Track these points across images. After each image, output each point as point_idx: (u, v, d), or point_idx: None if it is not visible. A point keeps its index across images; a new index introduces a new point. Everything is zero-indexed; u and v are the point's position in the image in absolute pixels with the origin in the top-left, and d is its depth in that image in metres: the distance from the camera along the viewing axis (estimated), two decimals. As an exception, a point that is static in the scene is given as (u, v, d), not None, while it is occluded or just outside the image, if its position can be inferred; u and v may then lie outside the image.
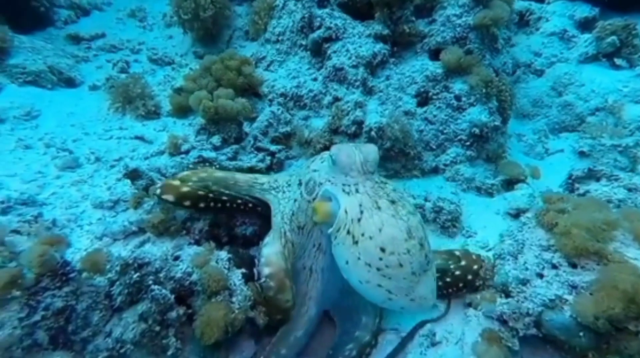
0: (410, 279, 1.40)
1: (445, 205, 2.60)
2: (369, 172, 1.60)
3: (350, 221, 1.46)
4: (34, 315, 1.42)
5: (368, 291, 1.46)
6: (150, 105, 3.07)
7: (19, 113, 3.02)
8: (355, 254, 1.43)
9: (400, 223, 1.43)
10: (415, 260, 1.40)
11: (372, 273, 1.41)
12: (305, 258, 1.78)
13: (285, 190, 1.93)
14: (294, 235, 1.78)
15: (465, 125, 2.97)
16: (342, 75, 2.94)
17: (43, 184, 2.31)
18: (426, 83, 2.99)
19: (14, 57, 3.44)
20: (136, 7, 5.56)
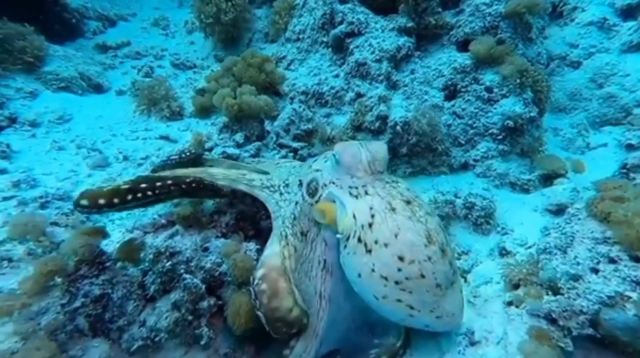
0: (434, 292, 1.26)
1: (477, 201, 2.56)
2: (378, 172, 1.47)
3: (360, 228, 1.32)
4: (75, 301, 1.52)
5: (385, 308, 1.30)
6: (174, 106, 3.23)
7: (53, 117, 3.26)
8: (368, 265, 1.28)
9: (419, 226, 1.30)
10: (438, 270, 1.27)
11: (390, 287, 1.26)
12: (313, 278, 1.52)
13: (283, 191, 1.74)
14: (296, 240, 1.56)
15: (497, 118, 2.93)
16: (364, 70, 2.99)
17: (76, 182, 2.48)
18: (454, 75, 2.98)
19: (49, 64, 3.73)
20: (159, 16, 5.93)
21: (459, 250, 2.42)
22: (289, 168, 2.01)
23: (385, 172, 1.54)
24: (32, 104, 3.39)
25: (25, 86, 3.48)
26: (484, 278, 2.10)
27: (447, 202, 2.50)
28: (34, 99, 3.46)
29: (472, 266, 2.27)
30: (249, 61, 2.99)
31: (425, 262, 1.27)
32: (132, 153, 2.84)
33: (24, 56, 3.54)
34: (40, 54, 3.64)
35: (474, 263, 2.28)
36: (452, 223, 2.57)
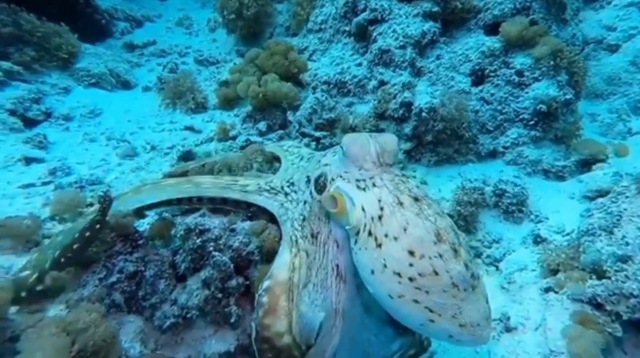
0: (452, 293, 1.17)
1: (508, 188, 2.47)
2: (387, 164, 1.40)
3: (370, 220, 1.27)
4: (111, 276, 1.58)
5: (403, 310, 1.22)
6: (199, 97, 3.31)
7: (85, 112, 3.42)
8: (380, 260, 1.22)
9: (427, 224, 1.23)
10: (452, 268, 1.18)
11: (405, 284, 1.18)
12: (329, 288, 1.40)
13: (288, 191, 1.65)
14: (307, 243, 1.48)
15: (529, 103, 2.81)
16: (388, 57, 2.95)
17: (107, 170, 2.61)
18: (482, 60, 2.89)
19: (81, 61, 3.92)
20: (183, 16, 6.13)
21: (489, 238, 2.35)
22: (290, 163, 1.93)
23: (395, 165, 1.47)
24: (66, 100, 3.57)
25: (59, 82, 3.67)
26: (517, 265, 2.02)
27: (475, 189, 2.42)
28: (67, 95, 3.64)
29: (504, 255, 2.19)
30: (272, 49, 3.03)
31: (435, 258, 1.18)
32: (159, 143, 2.94)
33: (59, 52, 3.73)
34: (74, 51, 3.82)
35: (506, 252, 2.21)
36: (481, 211, 2.49)
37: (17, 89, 3.32)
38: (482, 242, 2.33)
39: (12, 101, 3.14)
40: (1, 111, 3.02)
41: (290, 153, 2.07)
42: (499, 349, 1.55)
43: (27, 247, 1.72)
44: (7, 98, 3.15)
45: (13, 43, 3.58)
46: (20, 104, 3.17)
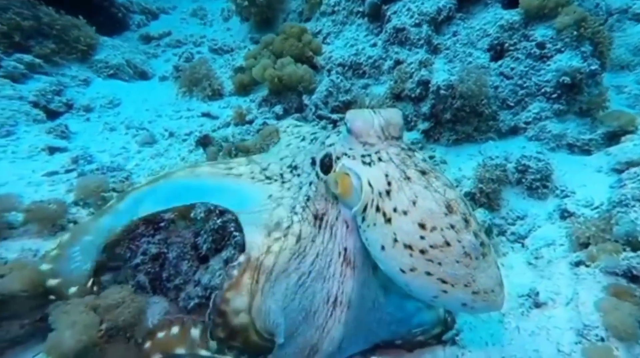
0: (465, 262, 1.14)
1: (531, 163, 2.35)
2: (393, 137, 1.34)
3: (377, 195, 1.22)
4: (135, 258, 1.58)
5: (415, 283, 1.18)
6: (215, 84, 3.27)
7: (104, 102, 3.44)
8: (390, 235, 1.18)
9: (437, 196, 1.19)
10: (464, 238, 1.15)
11: (416, 257, 1.15)
12: (329, 280, 1.31)
13: (288, 177, 1.54)
14: (306, 226, 1.35)
15: (551, 75, 2.66)
16: (403, 36, 2.84)
17: (127, 158, 2.66)
18: (500, 34, 2.75)
19: (99, 53, 3.95)
20: (197, 7, 6.11)
21: (513, 215, 2.26)
22: (286, 144, 1.82)
23: (402, 139, 1.40)
24: (86, 91, 3.60)
25: (79, 74, 3.71)
26: (544, 241, 1.94)
27: (497, 166, 2.32)
28: (87, 86, 3.67)
29: (530, 231, 2.11)
30: (287, 33, 2.95)
31: (447, 230, 1.15)
32: (177, 129, 2.96)
33: (78, 44, 3.76)
34: (93, 42, 3.85)
35: (531, 228, 2.12)
36: (504, 188, 2.39)
37: (39, 82, 3.36)
38: (506, 219, 2.24)
39: (35, 93, 3.18)
40: (25, 103, 3.06)
41: (288, 133, 1.98)
42: (528, 325, 1.49)
43: (53, 231, 1.73)
44: (29, 90, 3.20)
45: (33, 36, 3.61)
46: (42, 96, 3.21)
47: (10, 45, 3.42)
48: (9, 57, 3.29)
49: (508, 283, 1.74)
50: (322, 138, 1.57)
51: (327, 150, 1.42)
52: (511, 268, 1.87)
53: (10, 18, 3.47)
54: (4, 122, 2.80)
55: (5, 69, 3.20)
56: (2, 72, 3.18)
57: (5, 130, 2.74)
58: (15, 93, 3.08)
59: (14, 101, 3.01)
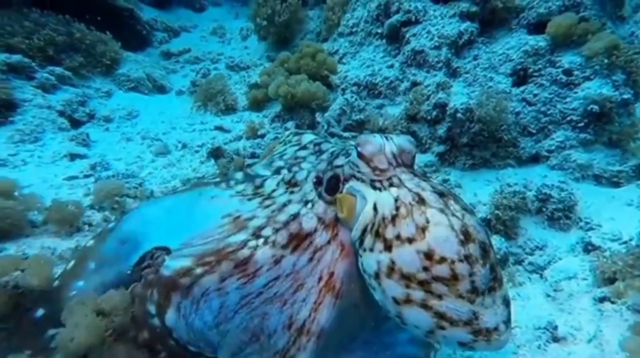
0: (469, 298, 1.06)
1: (553, 192, 2.33)
2: (405, 165, 1.29)
3: (380, 220, 1.17)
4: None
5: (409, 315, 1.11)
6: (229, 99, 3.46)
7: (123, 114, 3.69)
8: (385, 263, 1.12)
9: (454, 221, 1.11)
10: (477, 271, 1.07)
11: (414, 288, 1.08)
12: (295, 304, 1.25)
13: (276, 194, 1.46)
14: (266, 249, 1.28)
15: (578, 103, 2.67)
16: (421, 58, 2.93)
17: (141, 166, 2.81)
18: (524, 59, 2.80)
19: (122, 67, 4.25)
20: (217, 25, 6.52)
21: (531, 245, 2.22)
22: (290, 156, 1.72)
23: (414, 168, 1.35)
24: (107, 103, 3.87)
25: (102, 87, 3.99)
26: (565, 273, 1.89)
27: (516, 193, 2.30)
28: (109, 98, 3.94)
29: (549, 263, 2.06)
30: (303, 51, 3.11)
31: (459, 262, 1.07)
32: (190, 141, 3.11)
33: (103, 59, 4.07)
34: (117, 57, 4.16)
35: (551, 260, 2.07)
36: (522, 217, 2.36)
37: (67, 93, 3.66)
38: (524, 248, 2.20)
39: (62, 103, 3.46)
40: (52, 112, 3.34)
41: (286, 142, 1.89)
42: (545, 361, 1.44)
43: (70, 232, 1.85)
44: (57, 100, 3.48)
45: (65, 50, 3.96)
46: (68, 106, 3.48)
47: (45, 58, 3.77)
48: (42, 70, 3.62)
49: (524, 314, 1.71)
50: (328, 155, 1.52)
51: (335, 171, 1.38)
52: (528, 299, 1.81)
53: (46, 34, 3.86)
54: (34, 130, 3.08)
55: (38, 81, 3.52)
56: (36, 83, 3.51)
57: (34, 136, 3.02)
58: (44, 102, 3.37)
59: (43, 109, 3.30)
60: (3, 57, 3.47)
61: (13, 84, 3.36)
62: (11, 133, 2.99)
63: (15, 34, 3.77)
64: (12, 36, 3.78)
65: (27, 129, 3.09)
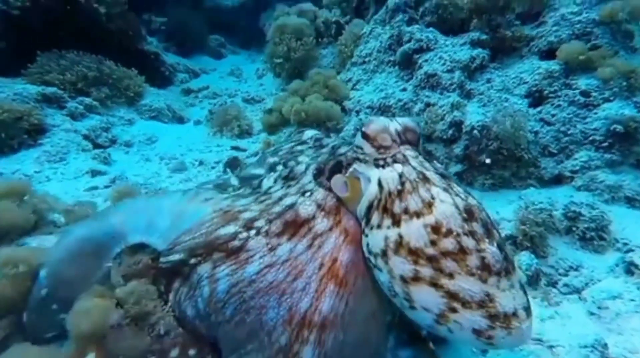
0: (482, 276, 0.99)
1: (583, 210, 2.20)
2: (410, 143, 1.25)
3: (387, 195, 1.14)
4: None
5: (417, 296, 1.03)
6: (244, 124, 3.56)
7: (143, 139, 3.85)
8: (394, 238, 1.07)
9: (457, 200, 1.08)
10: (485, 248, 1.01)
11: (422, 264, 1.02)
12: (294, 293, 1.16)
13: (272, 190, 1.44)
14: (259, 238, 1.24)
15: (600, 123, 2.62)
16: (435, 81, 2.99)
17: (159, 181, 2.92)
18: (539, 81, 2.82)
19: (145, 99, 4.51)
20: (235, 68, 6.97)
21: (564, 265, 2.05)
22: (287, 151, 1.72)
23: (419, 148, 1.31)
24: (129, 130, 4.05)
25: (125, 115, 4.22)
26: (608, 293, 1.70)
27: (542, 210, 2.18)
28: (131, 126, 4.13)
29: (587, 285, 1.87)
30: (314, 79, 3.23)
31: (465, 236, 1.03)
32: (206, 159, 3.17)
33: (128, 91, 4.33)
34: (140, 90, 4.44)
35: (589, 281, 1.89)
36: (551, 236, 2.21)
37: (92, 120, 3.89)
38: (556, 269, 2.02)
39: (87, 129, 3.66)
40: (78, 135, 3.54)
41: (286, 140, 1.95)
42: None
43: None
44: (83, 126, 3.70)
45: (95, 84, 4.26)
46: (93, 131, 3.69)
47: (76, 91, 4.12)
48: (73, 100, 3.94)
49: (565, 333, 1.52)
50: (329, 149, 1.50)
51: (338, 159, 1.35)
52: (568, 317, 1.62)
53: (79, 70, 4.22)
54: (59, 151, 3.28)
55: (68, 109, 3.80)
56: (66, 111, 3.78)
57: (59, 156, 3.21)
58: (71, 127, 3.59)
59: (70, 133, 3.51)
60: (39, 89, 3.78)
61: (45, 112, 3.60)
62: (38, 154, 3.17)
63: (51, 71, 4.10)
64: (48, 73, 4.11)
65: (54, 151, 3.27)
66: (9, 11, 4.64)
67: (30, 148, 3.21)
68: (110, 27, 5.24)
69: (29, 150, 3.17)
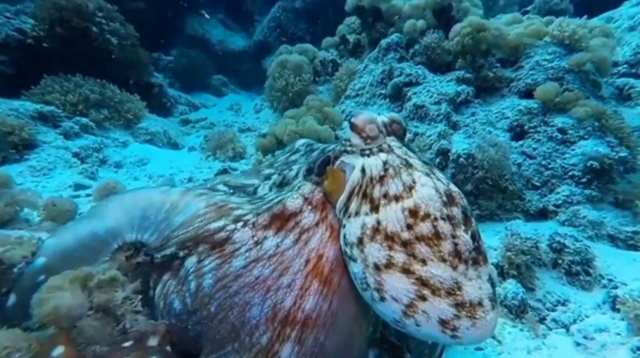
0: (452, 263, 0.98)
1: (567, 242, 2.18)
2: (396, 136, 1.26)
3: (368, 181, 1.13)
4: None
5: (389, 283, 1.00)
6: (238, 147, 3.60)
7: (134, 160, 3.83)
8: (371, 224, 1.05)
9: (439, 184, 1.07)
10: (460, 234, 1.00)
11: (396, 250, 1.00)
12: (279, 290, 1.13)
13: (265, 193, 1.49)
14: (245, 231, 1.22)
15: (577, 159, 2.70)
16: (423, 112, 3.11)
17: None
18: (520, 117, 2.94)
19: (142, 122, 4.57)
20: (234, 103, 7.21)
21: (552, 299, 1.98)
22: (282, 162, 1.76)
23: (405, 142, 1.31)
24: (122, 151, 4.04)
25: (120, 137, 4.23)
26: (596, 327, 1.63)
27: (527, 239, 2.16)
28: (125, 148, 4.13)
29: (576, 321, 1.79)
30: (309, 104, 3.33)
31: (442, 221, 1.02)
32: (196, 176, 3.13)
33: (127, 114, 4.39)
34: (139, 114, 4.52)
35: (577, 317, 1.82)
36: (538, 270, 2.17)
37: (86, 140, 3.87)
38: (543, 303, 1.96)
39: (79, 147, 3.63)
40: (67, 152, 3.49)
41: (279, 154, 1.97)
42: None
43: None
44: (75, 145, 3.67)
45: (95, 106, 4.33)
46: (84, 150, 3.65)
47: (74, 111, 4.16)
48: (69, 120, 3.94)
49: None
50: (319, 152, 1.49)
51: (327, 154, 1.34)
52: (555, 348, 1.54)
53: (81, 92, 4.31)
54: (45, 166, 3.21)
55: (63, 128, 3.80)
56: (60, 130, 3.77)
57: (44, 172, 3.13)
58: (62, 144, 3.56)
59: (59, 150, 3.47)
60: (37, 106, 3.79)
61: (38, 129, 3.56)
62: (23, 169, 3.08)
63: (53, 91, 4.19)
64: (50, 93, 4.19)
65: (39, 166, 3.18)
66: (24, 40, 4.88)
67: (15, 162, 3.12)
68: (120, 56, 5.49)
69: (13, 165, 3.08)
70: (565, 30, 3.23)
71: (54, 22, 4.82)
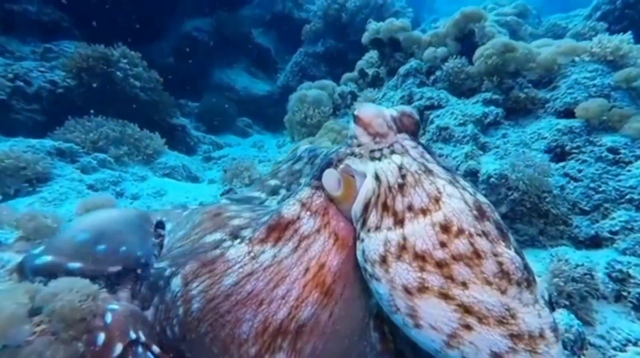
0: (500, 286, 0.85)
1: (632, 271, 1.91)
2: (408, 131, 1.15)
3: (386, 190, 1.02)
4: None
5: (424, 312, 0.87)
6: (255, 174, 3.63)
7: (151, 192, 3.93)
8: (397, 241, 0.93)
9: (466, 195, 0.97)
10: (502, 252, 0.88)
11: (430, 271, 0.88)
12: (272, 303, 1.07)
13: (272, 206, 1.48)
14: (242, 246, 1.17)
15: (635, 181, 2.45)
16: (447, 134, 3.02)
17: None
18: (559, 137, 2.77)
19: (162, 157, 4.78)
20: (257, 140, 7.48)
21: (619, 336, 1.69)
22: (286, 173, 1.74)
23: (418, 138, 1.21)
24: (140, 185, 4.18)
25: (138, 172, 4.42)
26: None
27: (578, 265, 1.91)
28: (142, 182, 4.28)
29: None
30: (329, 127, 3.35)
31: (479, 237, 0.90)
32: (208, 201, 3.13)
33: (146, 149, 4.63)
34: (159, 149, 4.75)
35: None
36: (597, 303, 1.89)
37: (103, 174, 4.05)
38: (608, 341, 1.67)
39: (94, 180, 3.80)
40: (82, 184, 3.64)
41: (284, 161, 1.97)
42: None
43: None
44: (91, 178, 3.84)
45: (114, 143, 4.60)
46: (100, 183, 3.81)
47: (94, 148, 4.44)
48: (88, 156, 4.19)
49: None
50: (322, 158, 1.42)
51: (330, 156, 1.26)
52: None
53: (103, 131, 4.64)
54: (57, 197, 3.34)
55: (80, 163, 4.01)
56: (77, 165, 3.99)
57: (55, 202, 3.22)
58: (78, 177, 3.74)
59: (74, 182, 3.64)
60: (55, 143, 4.03)
61: (55, 164, 3.71)
62: (33, 200, 3.16)
63: (75, 131, 4.52)
64: (72, 132, 4.51)
65: (50, 197, 3.30)
66: (55, 90, 5.44)
67: (28, 195, 3.20)
68: (143, 98, 5.95)
69: (25, 197, 3.15)
70: (607, 46, 3.14)
71: (81, 70, 5.37)
